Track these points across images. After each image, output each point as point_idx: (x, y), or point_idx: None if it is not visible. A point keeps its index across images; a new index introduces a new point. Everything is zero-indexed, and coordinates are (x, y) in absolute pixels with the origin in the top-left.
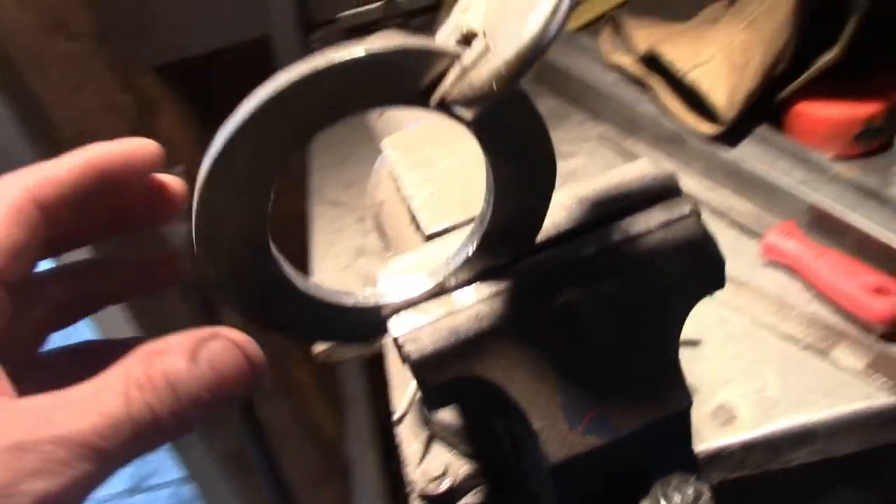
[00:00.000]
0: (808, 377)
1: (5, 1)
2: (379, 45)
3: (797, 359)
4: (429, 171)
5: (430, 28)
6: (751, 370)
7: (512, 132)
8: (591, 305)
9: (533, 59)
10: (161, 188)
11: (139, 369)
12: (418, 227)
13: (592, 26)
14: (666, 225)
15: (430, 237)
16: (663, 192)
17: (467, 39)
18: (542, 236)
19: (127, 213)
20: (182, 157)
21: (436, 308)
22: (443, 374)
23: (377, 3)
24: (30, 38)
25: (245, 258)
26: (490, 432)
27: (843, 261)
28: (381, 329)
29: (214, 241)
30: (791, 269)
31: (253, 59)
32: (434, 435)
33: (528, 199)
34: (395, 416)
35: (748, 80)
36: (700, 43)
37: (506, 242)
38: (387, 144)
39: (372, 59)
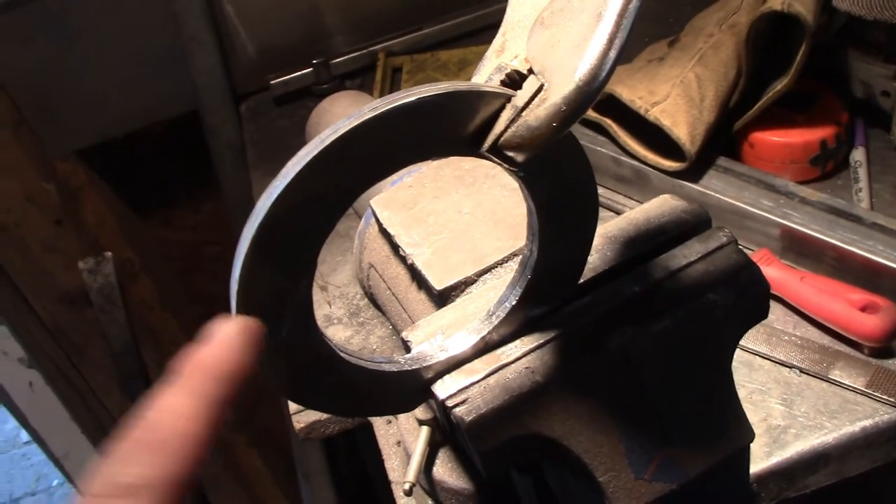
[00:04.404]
0: (810, 401)
1: None
2: (427, 90)
3: (797, 383)
4: (425, 227)
5: (364, 89)
6: (753, 400)
7: (559, 175)
8: (644, 346)
9: (594, 93)
10: None
11: None
12: (421, 286)
13: None
14: (706, 256)
15: (442, 293)
16: (696, 224)
17: (514, 80)
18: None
19: None
20: (108, 245)
21: (482, 365)
22: (500, 435)
23: (308, 70)
24: None
25: (289, 333)
26: (508, 494)
27: (825, 282)
28: (425, 394)
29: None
30: (774, 295)
31: (177, 136)
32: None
33: (572, 242)
34: (406, 487)
35: (706, 113)
36: (653, 82)
37: (549, 289)
38: (375, 205)
39: (423, 105)
